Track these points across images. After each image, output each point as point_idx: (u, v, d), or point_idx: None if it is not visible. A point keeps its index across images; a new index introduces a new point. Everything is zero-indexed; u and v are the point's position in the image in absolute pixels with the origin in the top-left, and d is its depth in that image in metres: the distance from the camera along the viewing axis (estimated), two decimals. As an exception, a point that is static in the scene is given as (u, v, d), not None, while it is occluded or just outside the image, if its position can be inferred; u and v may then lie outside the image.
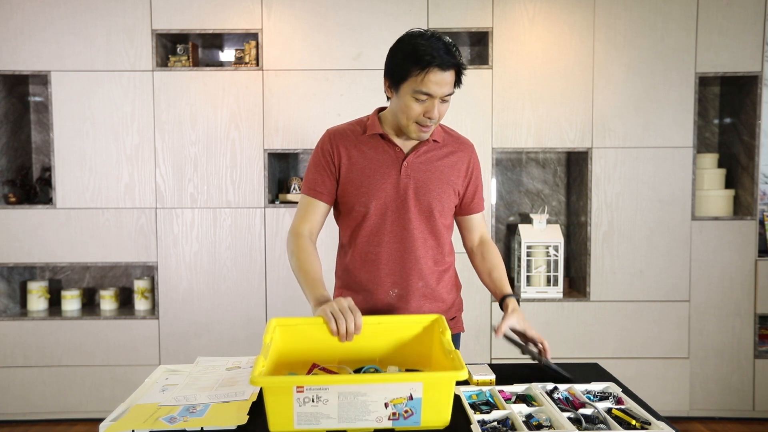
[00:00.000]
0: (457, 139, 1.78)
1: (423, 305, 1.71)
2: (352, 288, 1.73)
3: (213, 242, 3.31)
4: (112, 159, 3.29)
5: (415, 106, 1.57)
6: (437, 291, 1.74)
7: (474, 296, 3.30)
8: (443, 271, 1.77)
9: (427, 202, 1.67)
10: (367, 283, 1.70)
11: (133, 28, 3.26)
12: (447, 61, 1.52)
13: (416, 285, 1.70)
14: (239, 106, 3.27)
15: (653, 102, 3.29)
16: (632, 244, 3.33)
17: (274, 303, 3.32)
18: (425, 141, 1.69)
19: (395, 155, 1.67)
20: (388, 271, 1.69)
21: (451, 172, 1.71)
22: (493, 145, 3.31)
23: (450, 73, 1.55)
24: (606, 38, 3.28)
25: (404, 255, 1.68)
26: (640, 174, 3.31)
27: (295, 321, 1.49)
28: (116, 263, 3.32)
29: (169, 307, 3.32)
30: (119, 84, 3.27)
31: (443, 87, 1.55)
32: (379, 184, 1.65)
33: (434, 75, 1.52)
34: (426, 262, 1.71)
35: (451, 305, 1.80)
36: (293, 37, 3.27)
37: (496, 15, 3.27)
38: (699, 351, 3.37)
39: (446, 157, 1.72)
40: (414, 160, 1.68)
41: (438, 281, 1.75)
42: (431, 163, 1.69)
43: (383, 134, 1.68)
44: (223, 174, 3.29)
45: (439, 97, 1.56)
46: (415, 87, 1.55)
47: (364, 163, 1.65)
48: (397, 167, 1.66)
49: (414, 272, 1.69)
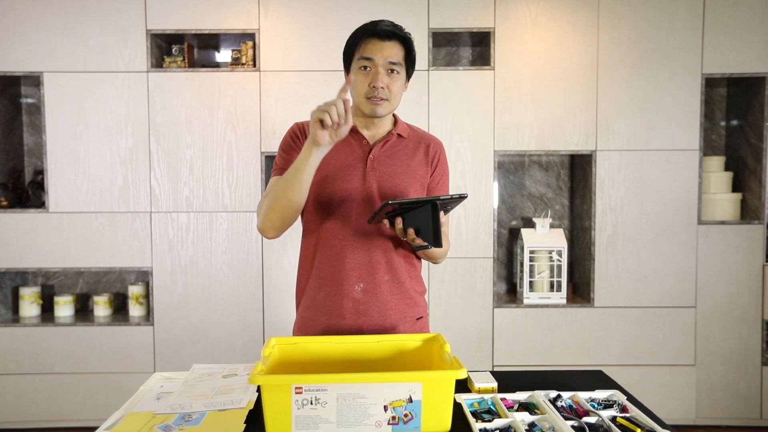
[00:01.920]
0: (424, 136, 1.80)
1: (390, 300, 1.69)
2: (317, 284, 1.71)
3: (209, 247, 3.30)
4: (106, 162, 3.28)
5: (362, 78, 1.64)
6: (405, 286, 1.72)
7: (475, 301, 3.30)
8: (411, 265, 1.76)
9: (392, 195, 1.67)
10: (331, 278, 1.68)
11: (128, 28, 3.25)
12: (384, 30, 1.62)
13: (382, 279, 1.68)
14: (236, 107, 3.27)
15: (658, 103, 3.29)
16: (637, 249, 3.33)
17: (271, 308, 3.32)
18: (391, 134, 1.72)
19: (361, 148, 1.70)
20: (354, 264, 1.67)
21: (418, 166, 1.73)
22: (495, 148, 3.31)
23: (391, 43, 1.63)
24: (610, 38, 3.28)
25: (370, 248, 1.68)
26: (645, 177, 3.31)
27: (295, 340, 1.49)
28: (110, 268, 3.31)
29: (164, 312, 3.31)
30: (113, 85, 3.27)
31: (384, 52, 1.62)
32: (344, 175, 1.67)
33: (373, 44, 1.62)
34: (393, 255, 1.70)
35: (419, 303, 1.78)
36: (291, 38, 3.26)
37: (498, 15, 3.27)
38: (705, 358, 3.36)
39: (412, 151, 1.74)
40: (380, 153, 1.70)
41: (406, 275, 1.73)
42: (396, 156, 1.72)
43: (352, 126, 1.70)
44: (220, 177, 3.28)
45: (383, 67, 1.62)
46: (359, 57, 1.64)
47: (330, 153, 1.66)
48: (363, 159, 1.69)
49: (380, 265, 1.68)
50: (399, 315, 1.71)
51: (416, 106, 3.28)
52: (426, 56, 3.24)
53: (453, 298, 3.33)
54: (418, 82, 3.25)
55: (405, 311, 1.72)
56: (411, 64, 1.70)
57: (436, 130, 3.27)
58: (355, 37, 1.66)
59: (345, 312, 1.66)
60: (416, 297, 1.76)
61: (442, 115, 3.29)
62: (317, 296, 1.70)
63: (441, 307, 3.33)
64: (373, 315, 1.67)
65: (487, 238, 3.31)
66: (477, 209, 3.30)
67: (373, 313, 1.67)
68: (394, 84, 1.65)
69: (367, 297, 1.67)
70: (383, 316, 1.68)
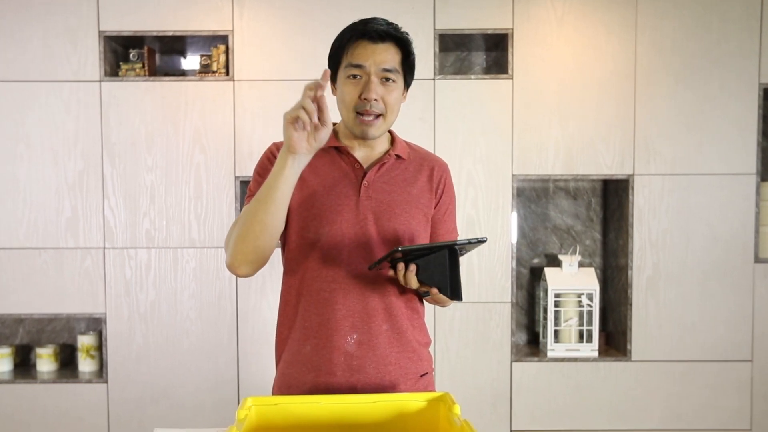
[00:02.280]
0: (426, 157, 1.71)
1: (390, 354, 1.59)
2: (302, 334, 1.60)
3: (173, 289, 3.09)
4: (51, 188, 3.06)
5: (351, 89, 1.53)
6: (407, 336, 1.62)
7: (490, 354, 3.10)
8: (414, 311, 1.66)
9: (391, 229, 1.59)
10: (319, 328, 1.58)
11: (77, 29, 3.02)
12: (376, 30, 1.53)
13: (380, 328, 1.59)
14: (205, 124, 3.06)
15: (708, 119, 3.08)
16: (682, 292, 3.12)
17: (247, 362, 3.09)
18: (388, 155, 1.62)
19: (354, 173, 1.60)
20: (346, 311, 1.57)
21: (420, 194, 1.64)
22: (514, 172, 3.09)
23: (385, 46, 1.53)
24: (650, 41, 3.07)
25: (365, 291, 1.58)
26: (692, 206, 3.11)
27: (275, 400, 1.40)
28: (56, 315, 3.08)
29: (120, 367, 3.09)
30: (59, 97, 3.04)
31: (376, 57, 1.52)
32: (333, 206, 1.58)
33: (363, 47, 1.53)
34: (392, 300, 1.60)
35: (423, 356, 1.68)
36: (271, 40, 3.05)
37: (517, 14, 3.06)
38: (764, 421, 3.15)
39: (413, 175, 1.65)
40: (376, 178, 1.60)
41: (408, 323, 1.64)
42: (395, 182, 1.62)
43: (340, 147, 1.61)
44: (186, 207, 3.08)
45: (376, 75, 1.52)
46: (346, 64, 1.54)
47: (316, 181, 1.58)
48: (355, 187, 1.59)
49: (377, 312, 1.59)
50: (400, 371, 1.62)
51: (419, 123, 3.06)
52: (431, 63, 3.05)
53: (464, 351, 3.13)
54: (422, 94, 3.05)
55: (407, 366, 1.63)
56: (410, 69, 1.60)
57: (444, 150, 3.07)
58: (341, 40, 1.57)
59: (336, 368, 1.58)
60: (420, 349, 1.67)
61: (450, 132, 3.09)
62: (302, 349, 1.60)
63: (449, 361, 3.13)
64: (369, 371, 1.58)
65: (504, 279, 3.11)
66: (492, 245, 3.12)
67: (369, 369, 1.58)
68: (389, 95, 1.54)
69: (361, 350, 1.59)
70: (381, 372, 1.59)
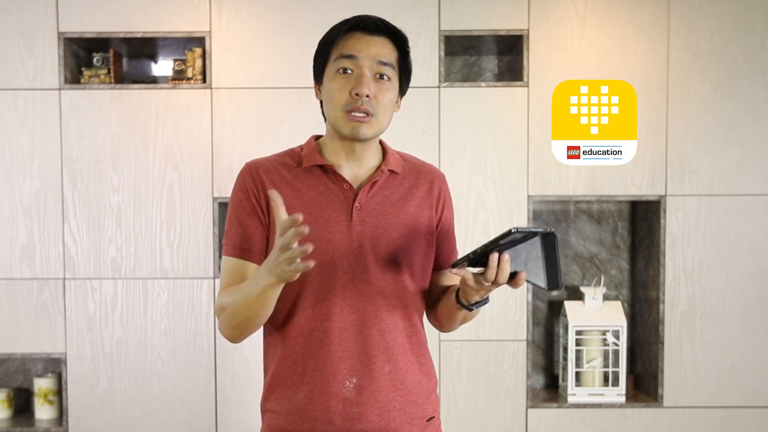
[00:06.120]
0: (422, 168, 1.68)
1: (393, 399, 1.55)
2: (294, 380, 1.56)
3: (143, 326, 2.99)
4: (4, 211, 2.98)
5: (341, 85, 1.49)
6: (412, 377, 1.59)
7: (503, 399, 2.98)
8: (419, 347, 1.63)
9: (391, 256, 1.55)
10: (312, 374, 1.54)
11: (33, 30, 2.93)
12: (372, 19, 1.52)
13: (381, 370, 1.55)
14: (179, 138, 2.98)
15: (750, 132, 2.99)
16: (722, 329, 3.02)
17: (227, 409, 2.98)
18: (380, 171, 1.58)
19: (343, 194, 1.56)
20: (343, 354, 1.54)
21: (420, 212, 1.60)
22: (530, 192, 3.00)
23: (380, 39, 1.51)
24: (685, 44, 2.98)
25: (363, 329, 1.55)
26: (733, 232, 3.01)
27: None
28: (9, 355, 2.98)
29: (83, 414, 2.98)
30: (13, 107, 2.96)
31: (371, 48, 1.50)
32: (323, 234, 1.53)
33: (357, 38, 1.51)
34: (395, 338, 1.57)
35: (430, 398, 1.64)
36: (254, 43, 2.96)
37: (533, 13, 2.98)
38: None
39: (409, 191, 1.62)
40: (368, 199, 1.56)
41: (413, 363, 1.60)
42: (390, 202, 1.58)
43: (325, 165, 1.56)
44: (157, 232, 2.99)
45: (369, 68, 1.49)
46: (337, 56, 1.51)
47: (301, 206, 1.52)
48: (346, 210, 1.55)
49: (378, 352, 1.55)
50: (404, 416, 1.57)
51: (423, 136, 2.96)
52: (436, 68, 2.95)
53: (473, 395, 3.00)
54: (425, 103, 2.96)
55: (412, 411, 1.58)
56: (406, 72, 1.57)
57: (450, 168, 2.95)
58: (331, 34, 1.54)
59: (334, 416, 1.53)
60: (426, 391, 1.63)
61: (457, 147, 3.01)
62: (294, 396, 1.55)
63: (457, 407, 3.00)
64: (371, 418, 1.54)
65: (518, 315, 3.01)
66: (506, 275, 2.93)
67: (371, 416, 1.54)
68: (383, 94, 1.51)
69: (362, 396, 1.55)
70: (384, 419, 1.55)
